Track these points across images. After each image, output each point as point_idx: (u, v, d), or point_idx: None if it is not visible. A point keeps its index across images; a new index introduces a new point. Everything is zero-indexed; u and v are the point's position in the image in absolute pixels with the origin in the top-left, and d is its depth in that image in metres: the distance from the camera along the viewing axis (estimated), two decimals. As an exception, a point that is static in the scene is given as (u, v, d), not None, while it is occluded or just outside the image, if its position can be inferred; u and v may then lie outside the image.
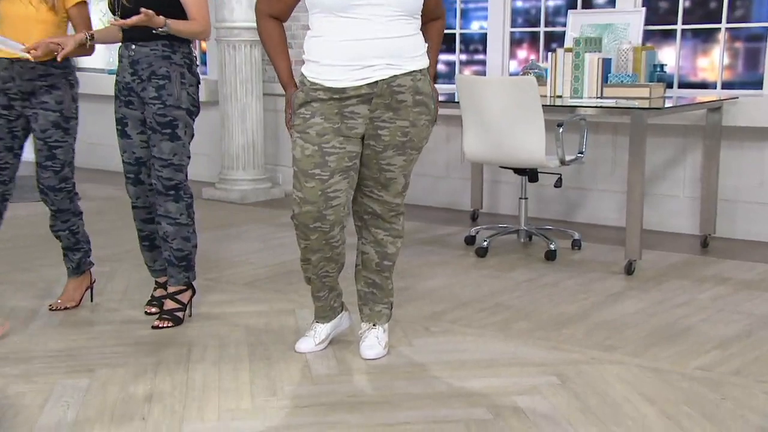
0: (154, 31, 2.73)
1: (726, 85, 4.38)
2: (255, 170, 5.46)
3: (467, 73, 5.21)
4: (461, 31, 5.23)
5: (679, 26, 4.41)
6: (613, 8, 4.50)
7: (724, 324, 2.93)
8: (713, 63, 4.62)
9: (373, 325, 2.69)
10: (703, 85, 4.66)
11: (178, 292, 2.99)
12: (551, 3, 5.06)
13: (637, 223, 3.59)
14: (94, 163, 6.76)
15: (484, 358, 2.63)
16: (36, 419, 2.19)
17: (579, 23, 4.41)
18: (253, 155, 5.44)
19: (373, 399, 2.32)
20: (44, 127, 2.91)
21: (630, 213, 3.60)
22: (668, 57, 4.52)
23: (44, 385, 2.41)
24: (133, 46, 2.83)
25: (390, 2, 2.31)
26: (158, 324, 2.92)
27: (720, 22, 4.30)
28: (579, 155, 3.96)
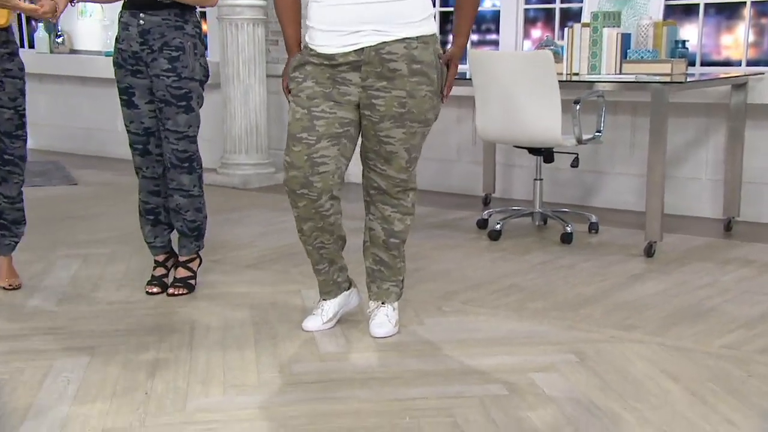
0: None
1: (751, 63, 4.37)
2: (258, 154, 5.47)
3: (479, 53, 5.20)
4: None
5: (702, 0, 4.40)
6: (632, -17, 4.48)
7: (750, 305, 2.93)
8: (737, 40, 4.61)
9: (382, 303, 2.70)
10: (727, 63, 4.65)
11: (190, 260, 3.11)
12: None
13: (657, 202, 3.58)
14: (91, 149, 6.78)
15: (498, 336, 2.63)
16: (35, 394, 2.20)
17: (597, -2, 4.40)
18: (256, 139, 5.45)
19: (384, 375, 2.32)
20: (14, 95, 2.95)
21: (650, 192, 3.60)
22: (690, 34, 4.51)
23: (43, 362, 2.42)
24: (142, 15, 2.84)
25: None
26: (173, 291, 3.03)
27: (744, -3, 4.29)
28: (597, 134, 3.95)
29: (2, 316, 2.83)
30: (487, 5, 5.37)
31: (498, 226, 3.94)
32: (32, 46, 7.12)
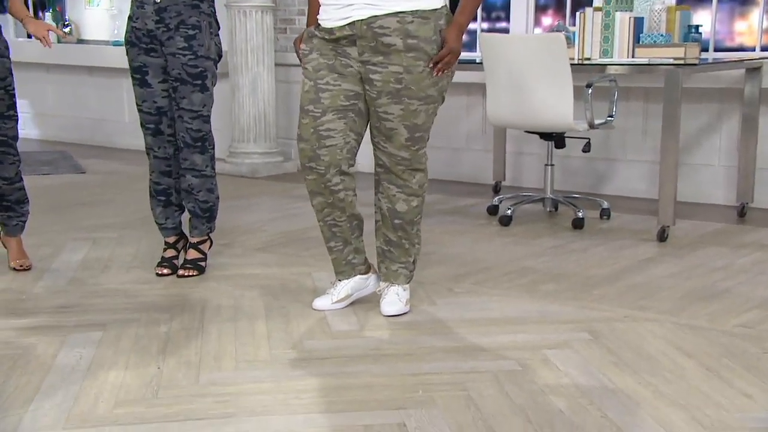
0: None
1: (765, 50, 4.36)
2: (266, 143, 5.48)
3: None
4: (483, -4, 5.23)
5: (715, -14, 4.40)
6: (644, -32, 4.48)
7: (765, 287, 2.93)
8: (751, 26, 4.60)
9: (390, 284, 2.71)
10: (741, 50, 4.64)
11: (201, 242, 3.13)
12: (579, -35, 5.05)
13: (671, 188, 3.58)
14: (99, 140, 6.81)
15: (511, 316, 2.64)
16: (49, 367, 2.23)
17: (609, -17, 4.40)
18: (265, 127, 5.46)
19: (397, 351, 2.34)
20: (2, 74, 2.97)
21: (663, 178, 3.60)
22: (704, 20, 4.50)
23: (55, 337, 2.45)
24: None
25: None
26: (183, 273, 3.04)
27: (758, -18, 4.29)
28: (609, 118, 3.96)
29: (13, 295, 2.86)
30: (498, -8, 5.37)
31: (509, 212, 3.95)
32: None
